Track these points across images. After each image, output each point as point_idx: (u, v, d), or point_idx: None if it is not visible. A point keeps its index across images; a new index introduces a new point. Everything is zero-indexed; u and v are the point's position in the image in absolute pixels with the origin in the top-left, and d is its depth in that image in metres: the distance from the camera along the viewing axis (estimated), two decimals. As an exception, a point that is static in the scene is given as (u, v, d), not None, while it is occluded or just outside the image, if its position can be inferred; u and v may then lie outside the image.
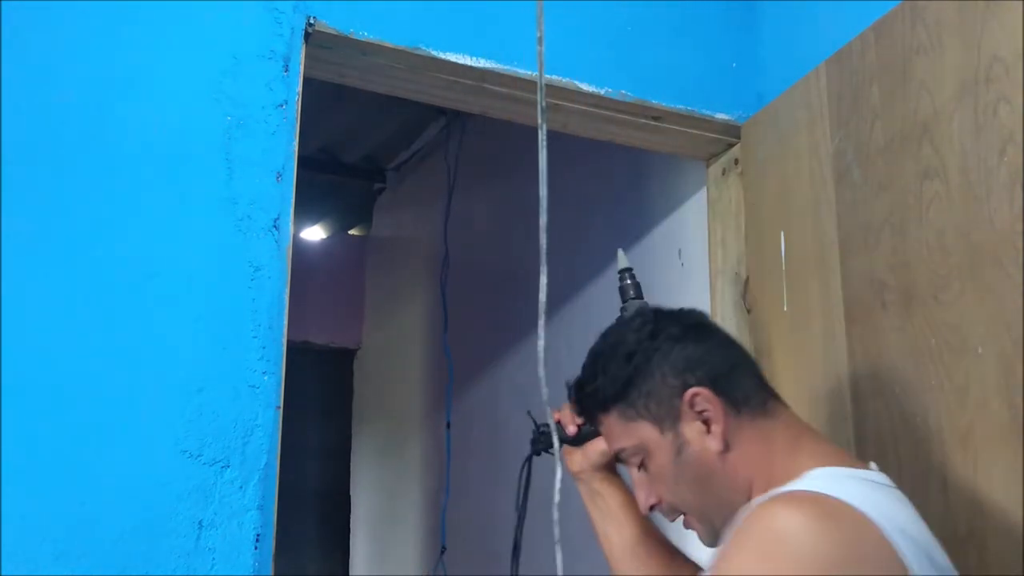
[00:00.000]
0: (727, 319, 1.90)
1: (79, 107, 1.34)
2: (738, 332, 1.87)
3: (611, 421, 1.21)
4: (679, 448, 1.15)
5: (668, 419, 1.15)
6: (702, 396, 1.14)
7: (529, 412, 1.44)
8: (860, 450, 1.54)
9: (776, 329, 1.76)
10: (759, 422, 1.15)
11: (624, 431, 1.19)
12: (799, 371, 1.69)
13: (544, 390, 0.89)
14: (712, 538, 1.16)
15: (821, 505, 1.00)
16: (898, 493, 1.09)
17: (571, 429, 1.39)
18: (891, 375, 1.49)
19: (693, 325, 1.22)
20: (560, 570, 0.90)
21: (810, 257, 1.69)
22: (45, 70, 1.33)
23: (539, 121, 0.83)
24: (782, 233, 1.77)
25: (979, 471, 1.33)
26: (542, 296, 0.85)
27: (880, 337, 1.52)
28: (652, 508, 1.21)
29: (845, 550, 0.96)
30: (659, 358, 1.17)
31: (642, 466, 1.19)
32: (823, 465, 1.09)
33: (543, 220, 0.87)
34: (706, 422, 1.14)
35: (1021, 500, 1.26)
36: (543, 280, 0.86)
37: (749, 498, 1.13)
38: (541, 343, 0.86)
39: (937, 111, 1.45)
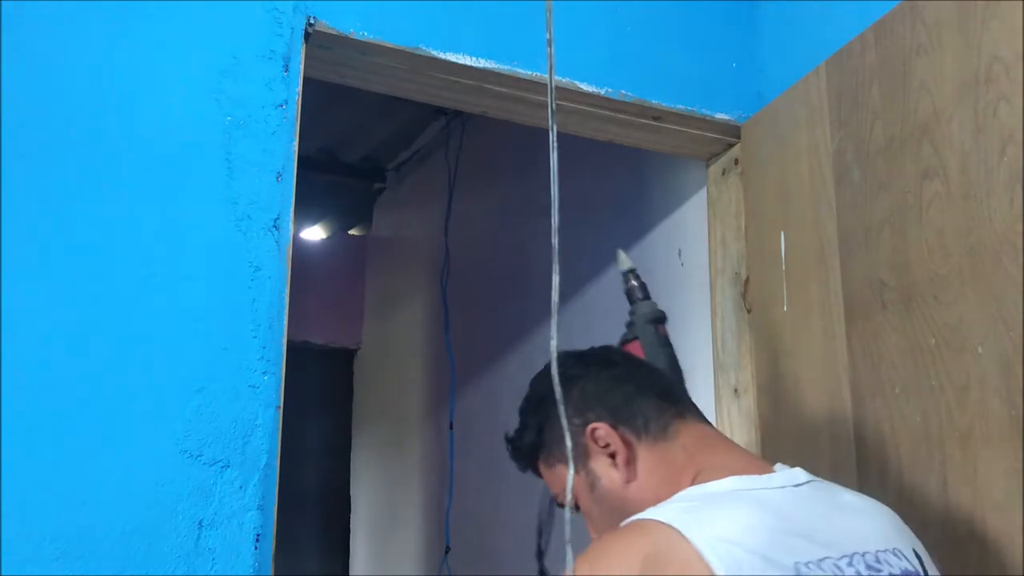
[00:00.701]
0: (727, 319, 1.90)
1: (79, 107, 1.34)
2: (738, 332, 1.87)
3: (542, 470, 1.26)
4: (592, 484, 1.19)
5: (579, 458, 1.19)
6: (601, 430, 1.18)
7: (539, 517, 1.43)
8: (860, 450, 1.54)
9: (776, 329, 1.76)
10: (659, 446, 1.18)
11: (551, 477, 1.25)
12: (799, 371, 1.69)
13: (558, 389, 0.89)
14: None
15: (634, 530, 1.02)
16: (788, 496, 1.09)
17: (560, 501, 1.37)
18: (891, 375, 1.49)
19: (595, 362, 1.26)
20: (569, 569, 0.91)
21: (810, 257, 1.69)
22: (45, 70, 1.33)
23: (550, 123, 0.83)
24: (782, 233, 1.77)
25: (979, 471, 1.33)
26: (555, 296, 0.86)
27: (880, 337, 1.52)
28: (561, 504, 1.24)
29: (643, 564, 0.97)
30: (564, 401, 1.18)
31: (577, 508, 1.22)
32: (711, 479, 1.11)
33: (555, 221, 0.87)
34: (612, 455, 1.17)
35: (1021, 500, 1.26)
36: (555, 280, 0.86)
37: None
38: (554, 343, 0.86)
39: (937, 111, 1.45)
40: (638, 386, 1.23)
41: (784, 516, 1.04)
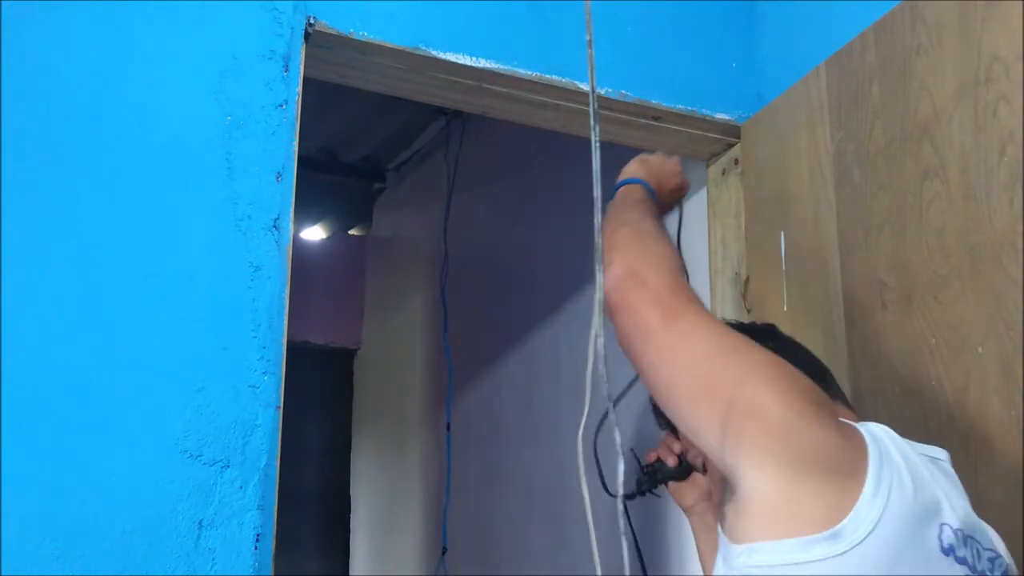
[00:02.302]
0: (727, 319, 1.90)
1: (79, 107, 1.34)
2: (738, 332, 1.87)
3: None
4: None
5: None
6: None
7: (632, 450, 1.43)
8: (860, 450, 1.54)
9: (776, 329, 1.76)
10: None
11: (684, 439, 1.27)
12: (799, 371, 1.69)
13: (601, 386, 0.88)
14: None
15: None
16: (938, 467, 1.09)
17: (672, 460, 1.38)
18: (891, 375, 1.49)
19: (749, 331, 1.26)
20: (627, 566, 0.91)
21: (810, 257, 1.69)
22: (45, 70, 1.33)
23: (591, 124, 0.83)
24: (782, 233, 1.77)
25: (979, 471, 1.33)
26: (599, 295, 0.86)
27: (880, 337, 1.52)
28: (704, 467, 1.27)
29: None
30: None
31: (704, 469, 1.26)
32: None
33: (597, 221, 0.88)
34: None
35: (1021, 500, 1.26)
36: (599, 279, 0.86)
37: None
38: (601, 340, 0.85)
39: (937, 111, 1.45)
40: (793, 362, 1.21)
41: (934, 475, 1.05)
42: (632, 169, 1.33)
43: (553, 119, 1.85)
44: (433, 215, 3.65)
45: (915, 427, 1.43)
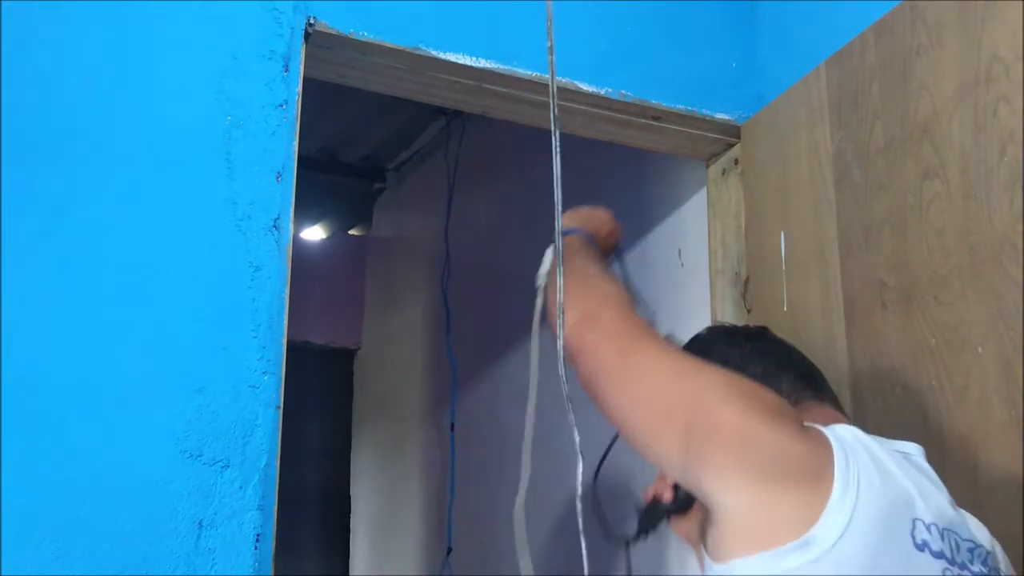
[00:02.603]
0: (727, 319, 1.90)
1: (79, 107, 1.34)
2: (738, 332, 1.87)
3: None
4: None
5: None
6: None
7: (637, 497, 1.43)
8: (860, 450, 1.54)
9: (776, 329, 1.76)
10: None
11: None
12: (799, 371, 1.69)
13: (565, 387, 0.91)
14: None
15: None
16: (911, 463, 1.08)
17: (668, 495, 1.38)
18: (891, 375, 1.49)
19: (740, 333, 1.33)
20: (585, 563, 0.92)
21: (810, 257, 1.69)
22: (45, 70, 1.33)
23: (552, 128, 0.83)
24: (782, 233, 1.77)
25: (979, 471, 1.33)
26: (560, 297, 0.86)
27: (880, 337, 1.52)
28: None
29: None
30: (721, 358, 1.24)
31: None
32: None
33: (558, 225, 0.88)
34: None
35: (1021, 500, 1.26)
36: (560, 281, 0.87)
37: None
38: (560, 343, 0.86)
39: (937, 111, 1.45)
40: (780, 362, 1.26)
41: (906, 472, 1.05)
42: (566, 222, 1.37)
43: (553, 119, 1.85)
44: (433, 215, 3.65)
45: (915, 427, 1.43)
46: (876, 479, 0.98)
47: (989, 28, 1.38)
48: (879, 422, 1.50)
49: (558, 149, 0.82)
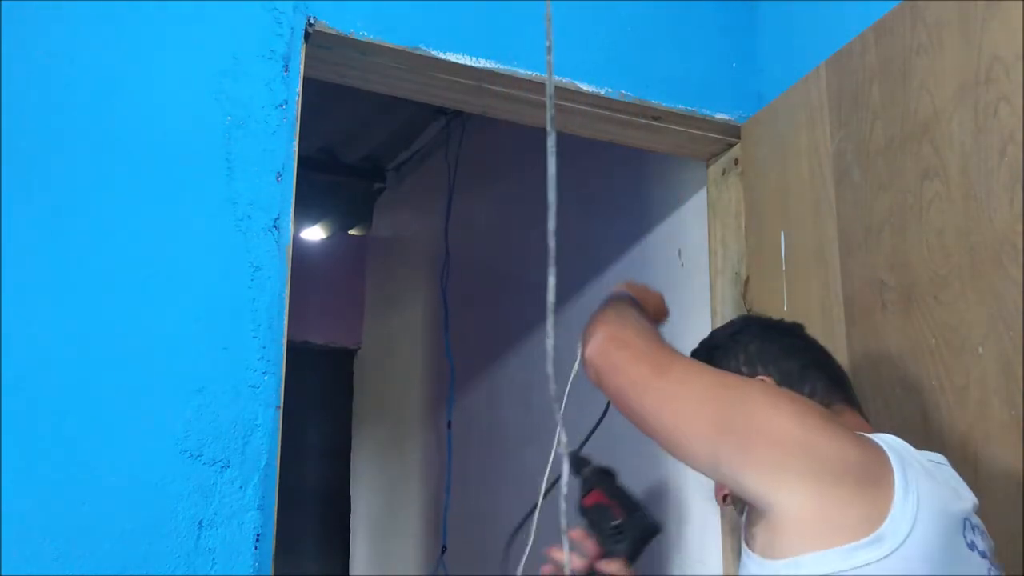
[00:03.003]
0: (727, 319, 1.90)
1: (79, 107, 1.34)
2: (738, 332, 1.87)
3: None
4: None
5: None
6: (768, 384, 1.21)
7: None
8: (860, 450, 1.54)
9: (776, 329, 1.76)
10: None
11: None
12: (799, 371, 1.69)
13: (552, 386, 0.90)
14: None
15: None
16: (949, 472, 1.13)
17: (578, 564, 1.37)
18: (891, 375, 1.49)
19: (776, 328, 1.33)
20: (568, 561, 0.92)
21: (810, 257, 1.69)
22: (45, 70, 1.33)
23: (548, 128, 0.82)
24: (782, 233, 1.77)
25: (979, 471, 1.33)
26: (551, 297, 0.86)
27: (880, 337, 1.52)
28: (725, 499, 1.27)
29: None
30: (737, 350, 1.27)
31: None
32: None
33: (551, 224, 0.88)
34: None
35: (1021, 500, 1.26)
36: (551, 282, 0.87)
37: None
38: (550, 342, 0.86)
39: (937, 111, 1.45)
40: (815, 362, 1.28)
41: (952, 486, 1.09)
42: (619, 288, 1.41)
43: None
44: (433, 215, 3.65)
45: (915, 427, 1.43)
46: (931, 483, 1.01)
47: (989, 28, 1.38)
48: (879, 422, 1.50)
49: (553, 149, 0.81)
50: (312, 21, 1.54)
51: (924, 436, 1.42)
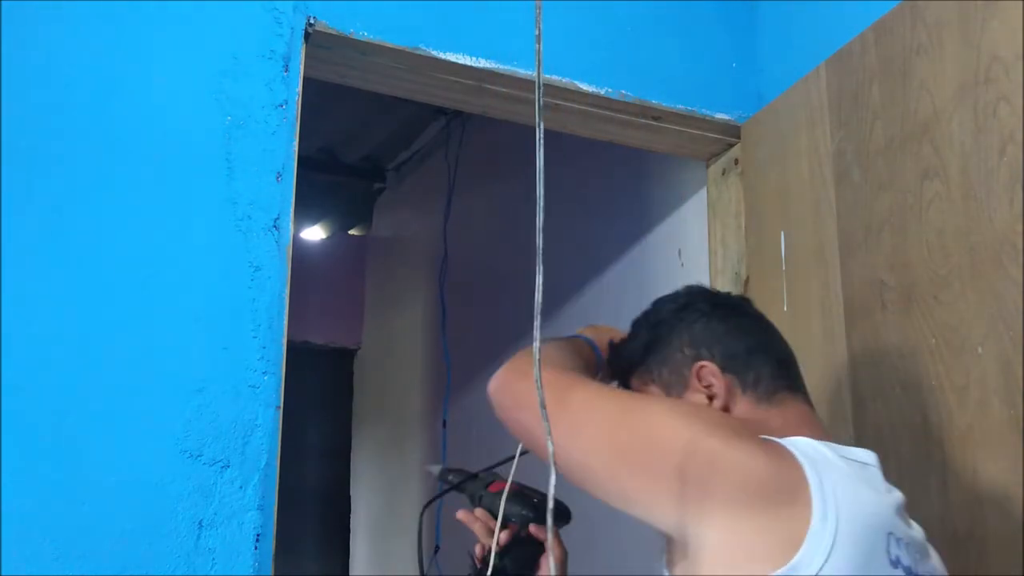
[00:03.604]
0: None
1: (79, 107, 1.34)
2: (738, 332, 1.87)
3: (633, 383, 1.25)
4: None
5: (676, 386, 1.19)
6: (708, 370, 1.17)
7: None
8: (860, 450, 1.54)
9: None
10: (761, 407, 1.16)
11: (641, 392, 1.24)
12: (799, 371, 1.69)
13: (540, 393, 0.88)
14: None
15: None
16: (878, 476, 1.07)
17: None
18: (891, 375, 1.49)
19: (724, 304, 1.25)
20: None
21: (810, 257, 1.69)
22: (45, 70, 1.33)
23: (536, 120, 0.82)
24: (782, 233, 1.77)
25: (979, 471, 1.33)
26: (538, 296, 0.85)
27: (880, 337, 1.52)
28: None
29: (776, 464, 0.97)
30: (681, 328, 1.21)
31: None
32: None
33: (539, 221, 0.87)
34: (711, 396, 1.16)
35: (1021, 500, 1.26)
36: (539, 280, 0.86)
37: None
38: (536, 344, 0.85)
39: (937, 111, 1.45)
40: (761, 344, 1.22)
41: (874, 486, 1.03)
42: (582, 330, 1.38)
43: (553, 119, 1.85)
44: (433, 215, 3.65)
45: (915, 427, 1.43)
46: (852, 494, 0.95)
47: (989, 28, 1.38)
48: (879, 422, 1.50)
49: (541, 142, 0.81)
50: (312, 21, 1.54)
51: (924, 436, 1.42)
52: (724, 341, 1.19)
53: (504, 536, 1.33)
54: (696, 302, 1.24)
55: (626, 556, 2.29)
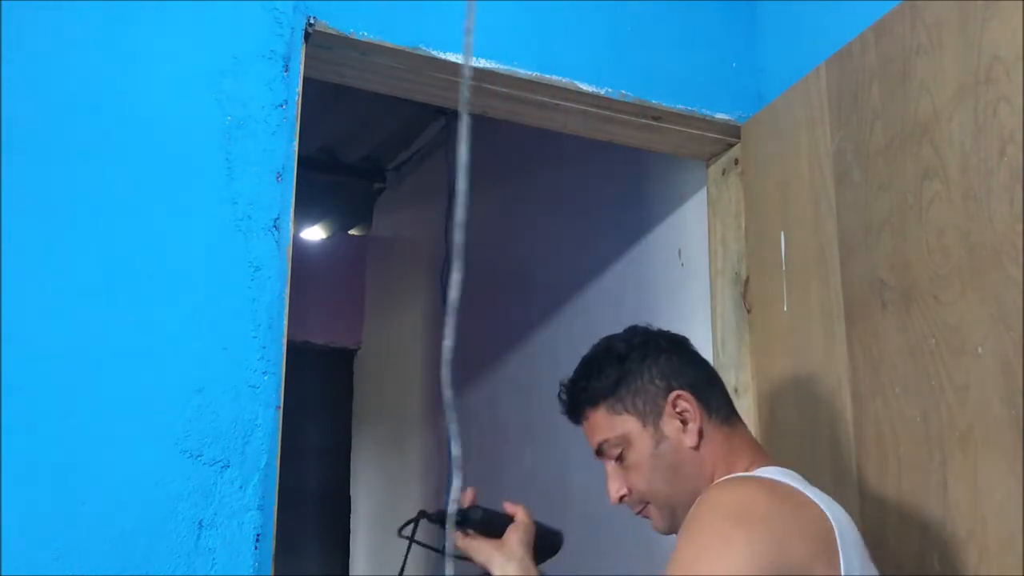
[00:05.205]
0: (727, 319, 1.90)
1: (79, 107, 1.34)
2: (738, 332, 1.87)
3: (598, 415, 1.36)
4: (658, 441, 1.32)
5: (652, 415, 1.33)
6: (683, 398, 1.33)
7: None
8: (860, 450, 1.54)
9: (776, 329, 1.76)
10: (724, 430, 1.34)
11: (609, 424, 1.35)
12: (799, 371, 1.69)
13: (448, 392, 0.88)
14: (669, 525, 1.33)
15: (768, 483, 1.21)
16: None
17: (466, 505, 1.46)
18: (891, 375, 1.49)
19: (678, 342, 1.41)
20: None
21: (810, 257, 1.69)
22: (45, 70, 1.33)
23: (461, 110, 0.81)
24: (782, 233, 1.77)
25: (979, 471, 1.33)
26: (453, 294, 0.85)
27: (880, 337, 1.52)
28: (621, 499, 1.35)
29: (790, 514, 1.14)
30: (650, 363, 1.35)
31: (619, 458, 1.34)
32: (772, 466, 1.30)
33: (459, 215, 0.86)
34: (684, 421, 1.32)
35: (1021, 500, 1.26)
36: (455, 277, 0.86)
37: None
38: (448, 343, 0.85)
39: (937, 111, 1.45)
40: (712, 375, 1.40)
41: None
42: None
43: (553, 119, 1.85)
44: (433, 215, 3.65)
45: (915, 427, 1.43)
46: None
47: (989, 28, 1.38)
48: (879, 422, 1.50)
49: (466, 135, 0.80)
50: (312, 21, 1.54)
51: (924, 436, 1.42)
52: (687, 373, 1.36)
53: (471, 495, 1.48)
54: (654, 339, 1.39)
55: (629, 557, 2.29)
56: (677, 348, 1.38)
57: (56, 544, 1.19)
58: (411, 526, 1.47)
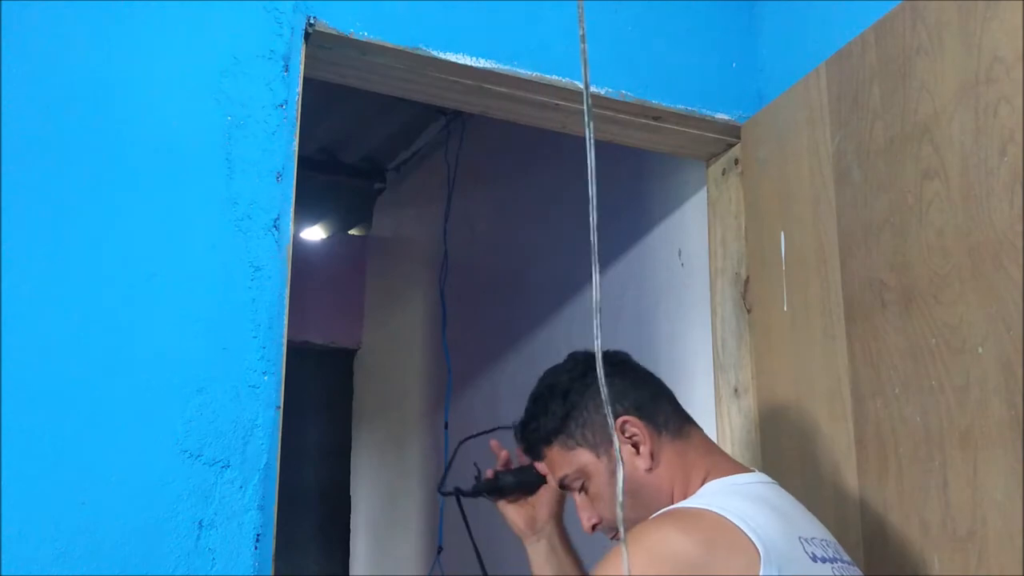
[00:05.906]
0: (727, 319, 1.90)
1: (79, 107, 1.34)
2: (738, 332, 1.87)
3: (554, 453, 1.39)
4: (613, 470, 1.33)
5: (603, 445, 1.34)
6: (630, 423, 1.33)
7: (476, 464, 1.59)
8: (860, 450, 1.54)
9: (776, 329, 1.76)
10: (677, 442, 1.34)
11: (565, 460, 1.38)
12: (799, 371, 1.69)
13: (608, 409, 0.91)
14: None
15: (684, 516, 1.20)
16: (771, 490, 1.30)
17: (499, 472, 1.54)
18: (891, 375, 1.49)
19: (618, 363, 1.40)
20: None
21: (810, 257, 1.69)
22: (45, 70, 1.33)
23: (586, 124, 0.81)
24: (782, 233, 1.77)
25: (979, 471, 1.33)
26: (596, 295, 0.86)
27: (880, 337, 1.52)
28: (594, 528, 1.36)
29: (702, 547, 1.14)
30: (591, 393, 1.35)
31: (583, 489, 1.37)
32: (719, 476, 1.30)
33: (593, 219, 0.87)
34: (635, 445, 1.33)
35: (1021, 500, 1.26)
36: (595, 278, 0.87)
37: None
38: (598, 343, 0.87)
39: (937, 111, 1.45)
40: (658, 389, 1.39)
41: (774, 505, 1.24)
42: None
43: (553, 119, 1.85)
44: (433, 215, 3.64)
45: (915, 427, 1.43)
46: (768, 526, 1.16)
47: (989, 28, 1.38)
48: (879, 422, 1.50)
49: (591, 146, 0.80)
50: (312, 21, 1.54)
51: (924, 436, 1.42)
52: (631, 394, 1.36)
53: (506, 457, 1.56)
54: (593, 366, 1.36)
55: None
56: (619, 369, 1.38)
57: (56, 544, 1.19)
58: (455, 492, 1.52)
